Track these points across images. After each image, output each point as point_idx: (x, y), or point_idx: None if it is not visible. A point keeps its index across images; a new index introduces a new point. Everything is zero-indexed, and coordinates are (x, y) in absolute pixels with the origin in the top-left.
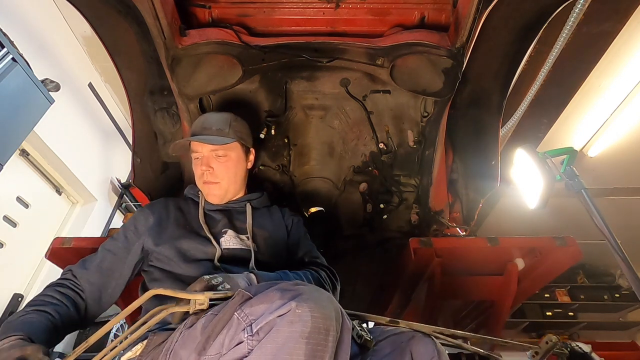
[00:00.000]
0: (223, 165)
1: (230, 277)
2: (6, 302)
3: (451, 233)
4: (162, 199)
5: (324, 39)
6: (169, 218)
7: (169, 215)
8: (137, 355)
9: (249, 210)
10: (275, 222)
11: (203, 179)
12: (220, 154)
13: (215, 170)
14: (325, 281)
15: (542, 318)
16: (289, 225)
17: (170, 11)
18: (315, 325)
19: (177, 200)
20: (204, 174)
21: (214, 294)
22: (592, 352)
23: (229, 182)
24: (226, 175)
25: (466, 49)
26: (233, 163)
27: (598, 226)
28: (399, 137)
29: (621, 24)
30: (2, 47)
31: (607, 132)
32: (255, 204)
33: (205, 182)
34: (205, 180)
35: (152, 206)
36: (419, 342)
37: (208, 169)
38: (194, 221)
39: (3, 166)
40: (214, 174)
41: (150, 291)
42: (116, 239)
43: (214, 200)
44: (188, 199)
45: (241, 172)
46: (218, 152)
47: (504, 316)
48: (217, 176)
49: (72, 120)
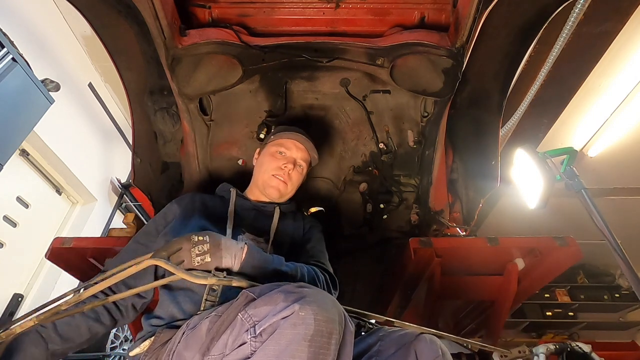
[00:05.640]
0: (297, 174)
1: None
2: (6, 302)
3: (451, 233)
4: (191, 193)
5: (324, 39)
6: (193, 212)
7: (194, 209)
8: (144, 351)
9: (277, 214)
10: (296, 227)
11: (279, 172)
12: (301, 164)
13: (291, 173)
14: (319, 280)
15: (542, 318)
16: (304, 229)
17: (170, 11)
18: (318, 328)
19: (203, 196)
20: (285, 168)
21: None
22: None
23: (293, 188)
24: (295, 183)
25: (466, 49)
26: (302, 176)
27: (598, 226)
28: (399, 137)
29: (621, 24)
30: (2, 47)
31: (607, 132)
32: (283, 208)
33: (277, 176)
34: (281, 174)
35: (180, 200)
36: (423, 342)
37: (290, 166)
38: (218, 216)
39: (3, 166)
40: (289, 175)
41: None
42: (148, 233)
43: (273, 194)
44: (217, 197)
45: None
46: (302, 162)
47: (504, 316)
48: (290, 178)
49: (72, 120)
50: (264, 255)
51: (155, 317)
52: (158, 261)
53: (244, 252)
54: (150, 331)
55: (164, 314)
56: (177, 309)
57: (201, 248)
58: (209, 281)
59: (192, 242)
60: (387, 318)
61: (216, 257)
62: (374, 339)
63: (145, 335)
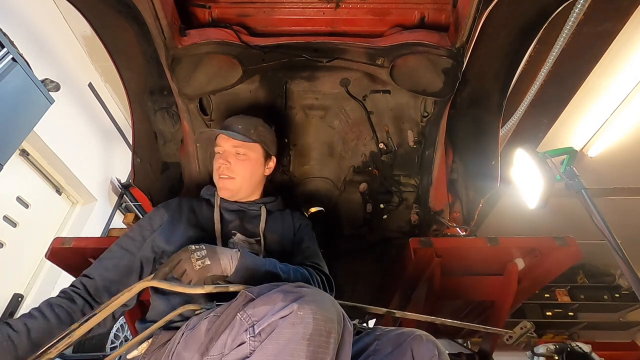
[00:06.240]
0: (241, 163)
1: (214, 252)
2: (6, 302)
3: (451, 233)
4: (177, 198)
5: (324, 39)
6: (181, 218)
7: (181, 215)
8: (142, 353)
9: (264, 213)
10: (286, 226)
11: (219, 172)
12: (240, 152)
13: (232, 165)
14: (314, 282)
15: (542, 318)
16: (296, 227)
17: (170, 11)
18: (317, 327)
19: (190, 201)
20: (221, 167)
21: (215, 288)
22: (592, 352)
23: (243, 180)
24: (242, 173)
25: (466, 49)
26: (251, 163)
27: (598, 226)
28: (399, 137)
29: (621, 24)
30: (2, 47)
31: (607, 132)
32: (270, 207)
33: (221, 175)
34: (221, 173)
35: (167, 205)
36: (420, 342)
37: (225, 163)
38: (206, 221)
39: (3, 166)
40: (230, 168)
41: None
42: (133, 239)
43: (225, 194)
44: (202, 200)
45: (258, 174)
46: (239, 149)
47: (504, 316)
48: (233, 171)
49: (72, 120)
50: (257, 258)
51: (150, 322)
52: (152, 282)
53: (239, 255)
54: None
55: (159, 317)
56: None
57: (200, 254)
58: (206, 289)
59: (190, 251)
60: (388, 309)
61: (215, 259)
62: (371, 338)
63: (143, 337)
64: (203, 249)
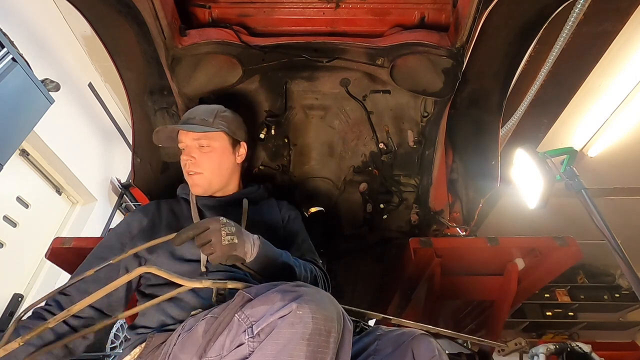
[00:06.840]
0: (206, 156)
1: (241, 232)
2: (6, 302)
3: (451, 233)
4: (155, 201)
5: (324, 39)
6: (161, 222)
7: (161, 218)
8: (135, 358)
9: (245, 206)
10: (272, 217)
11: (186, 169)
12: (203, 144)
13: (197, 160)
14: (319, 278)
15: (542, 318)
16: (284, 219)
17: (170, 11)
18: (316, 326)
19: (169, 202)
20: (187, 163)
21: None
22: (592, 352)
23: (212, 173)
24: (209, 166)
25: (466, 49)
26: (217, 154)
27: (598, 226)
28: (399, 137)
29: (621, 24)
30: (2, 47)
31: (607, 132)
32: (252, 197)
33: (188, 172)
34: (188, 170)
35: (145, 210)
36: (420, 342)
37: (190, 159)
38: (186, 221)
39: (3, 166)
40: (196, 163)
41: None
42: (111, 247)
43: (197, 191)
44: (180, 199)
45: (227, 164)
46: (201, 141)
47: (504, 316)
48: (199, 166)
49: (72, 120)
50: (274, 247)
51: (142, 327)
52: (150, 268)
53: (259, 242)
54: (139, 338)
55: (151, 323)
56: (164, 316)
57: (230, 229)
58: (204, 284)
59: (221, 222)
60: (385, 316)
61: (241, 240)
62: (371, 338)
63: (135, 342)
64: (232, 226)
